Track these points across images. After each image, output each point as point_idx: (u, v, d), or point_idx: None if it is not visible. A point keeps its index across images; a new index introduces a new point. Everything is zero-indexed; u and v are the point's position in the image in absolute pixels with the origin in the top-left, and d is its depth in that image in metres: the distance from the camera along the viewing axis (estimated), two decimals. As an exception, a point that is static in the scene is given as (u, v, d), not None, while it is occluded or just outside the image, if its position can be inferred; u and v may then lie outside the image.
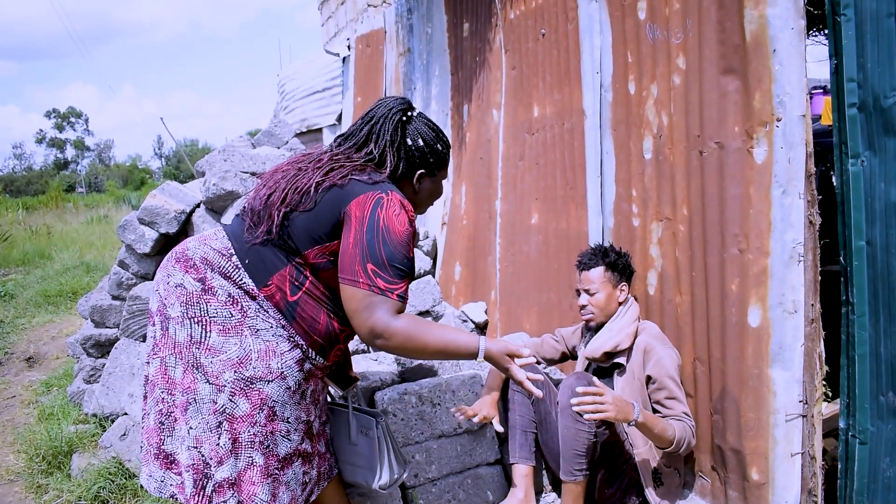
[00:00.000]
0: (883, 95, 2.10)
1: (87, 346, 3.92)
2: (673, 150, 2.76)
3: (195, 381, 1.83)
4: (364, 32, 6.74)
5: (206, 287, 1.86)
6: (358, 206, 1.84)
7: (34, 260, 10.62)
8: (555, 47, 3.57)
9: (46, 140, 65.04)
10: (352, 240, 1.82)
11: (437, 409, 2.79)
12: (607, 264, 2.79)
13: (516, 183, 4.03)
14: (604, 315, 2.77)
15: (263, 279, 1.87)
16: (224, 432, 1.82)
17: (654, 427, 2.44)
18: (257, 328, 1.86)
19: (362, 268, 1.79)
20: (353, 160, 1.96)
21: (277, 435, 1.89)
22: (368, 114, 2.05)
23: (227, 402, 1.81)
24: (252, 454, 1.85)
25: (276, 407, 1.87)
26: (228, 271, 1.87)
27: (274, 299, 1.87)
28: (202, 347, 1.83)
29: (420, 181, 2.09)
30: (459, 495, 2.80)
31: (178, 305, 1.86)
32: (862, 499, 2.32)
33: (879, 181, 2.15)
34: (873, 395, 2.26)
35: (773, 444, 2.42)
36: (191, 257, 1.90)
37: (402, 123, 2.02)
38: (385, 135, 1.99)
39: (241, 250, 1.90)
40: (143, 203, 3.76)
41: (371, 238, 1.81)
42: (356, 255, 1.80)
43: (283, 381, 1.87)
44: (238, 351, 1.83)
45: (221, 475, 1.82)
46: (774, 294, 2.38)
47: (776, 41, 2.29)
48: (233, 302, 1.85)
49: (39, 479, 3.23)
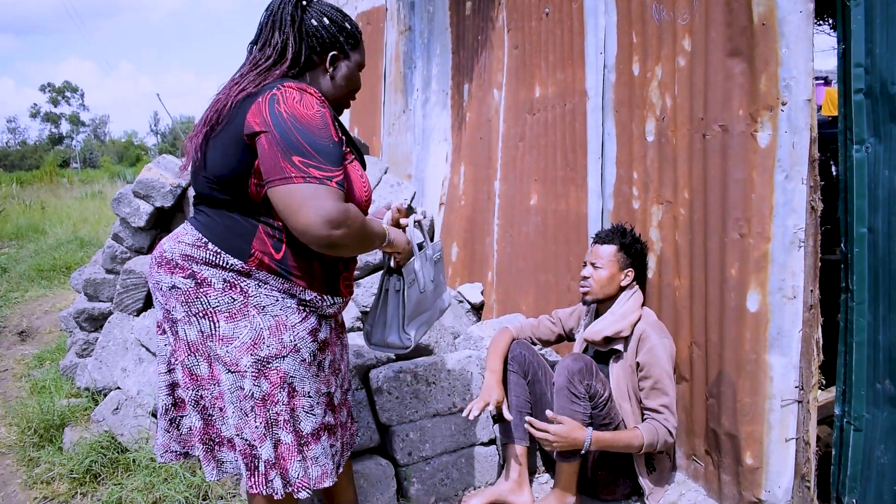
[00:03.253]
0: (890, 81, 2.09)
1: (81, 320, 3.89)
2: (676, 133, 2.74)
3: (219, 372, 1.84)
4: (365, 9, 6.68)
5: (199, 280, 1.81)
6: (253, 115, 1.70)
7: (27, 234, 10.57)
8: (558, 27, 3.54)
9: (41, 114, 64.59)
10: (265, 143, 1.66)
11: (432, 387, 2.78)
12: (621, 245, 2.78)
13: (516, 164, 4.00)
14: (601, 293, 2.76)
15: (246, 251, 1.81)
16: (256, 416, 1.83)
17: (615, 444, 2.51)
18: (262, 305, 1.83)
19: (287, 162, 1.62)
20: (259, 63, 1.84)
21: (300, 411, 1.88)
22: (266, 9, 1.90)
23: (252, 387, 1.81)
24: (278, 433, 1.86)
25: (295, 382, 1.86)
26: (211, 259, 1.82)
27: (263, 264, 1.81)
28: (215, 339, 1.81)
29: (334, 65, 1.93)
30: (453, 474, 2.80)
31: (180, 306, 1.83)
32: (855, 485, 2.33)
33: (884, 168, 2.14)
34: (870, 382, 2.26)
35: (768, 429, 2.43)
36: (171, 258, 1.84)
37: (301, 8, 1.87)
38: (285, 23, 1.85)
39: (213, 234, 1.83)
40: (139, 176, 3.72)
41: (282, 131, 1.65)
42: (275, 153, 1.64)
43: (298, 354, 1.85)
44: (250, 332, 1.81)
45: (266, 455, 1.85)
46: (774, 279, 2.37)
47: (784, 24, 2.26)
48: (230, 287, 1.81)
49: (31, 452, 3.22)
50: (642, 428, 2.53)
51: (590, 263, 2.79)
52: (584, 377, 2.50)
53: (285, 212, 1.63)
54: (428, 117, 5.27)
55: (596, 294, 2.77)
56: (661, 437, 2.53)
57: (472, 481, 2.84)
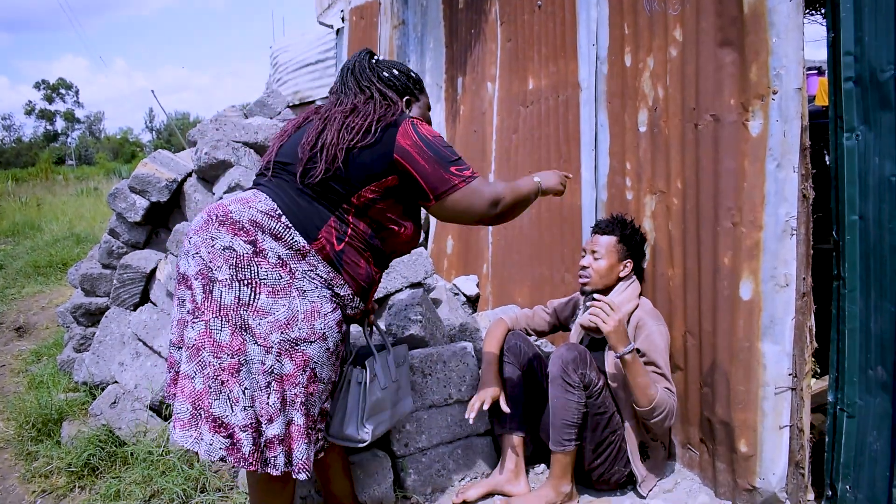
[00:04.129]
0: (880, 69, 2.10)
1: (77, 315, 3.91)
2: (668, 123, 2.75)
3: (244, 342, 1.88)
4: (358, 4, 6.69)
5: (258, 249, 1.91)
6: (403, 137, 2.03)
7: (24, 231, 10.60)
8: (551, 19, 3.55)
9: (36, 112, 64.37)
10: (423, 161, 2.02)
11: (428, 379, 2.80)
12: (621, 235, 2.79)
13: (510, 156, 4.02)
14: (600, 282, 2.77)
15: (313, 234, 1.97)
16: (273, 392, 1.89)
17: (639, 374, 2.47)
18: (304, 289, 1.94)
19: (448, 173, 2.03)
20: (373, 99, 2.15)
21: (315, 397, 1.98)
22: (343, 70, 2.26)
23: (274, 363, 1.88)
24: (293, 413, 1.93)
25: (317, 368, 1.96)
26: (279, 232, 1.94)
27: (324, 251, 1.98)
28: (250, 309, 1.88)
29: (408, 108, 2.26)
30: (449, 465, 2.82)
31: (227, 268, 1.88)
32: (848, 471, 2.35)
33: (874, 155, 2.16)
34: (862, 369, 2.28)
35: (761, 416, 2.44)
36: (237, 220, 1.93)
37: (374, 63, 2.25)
38: (367, 75, 2.20)
39: (289, 209, 1.98)
40: (135, 171, 3.73)
41: (434, 150, 2.04)
42: (437, 169, 2.03)
43: (325, 343, 1.96)
44: (286, 312, 1.89)
45: (272, 432, 1.90)
46: (767, 268, 2.39)
47: (774, 13, 2.27)
48: (282, 264, 1.92)
49: (29, 446, 3.23)
50: (659, 389, 2.51)
51: (589, 253, 2.81)
52: (578, 366, 2.51)
53: (462, 212, 2.09)
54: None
55: (595, 284, 2.79)
56: (669, 409, 2.52)
57: (468, 472, 2.86)
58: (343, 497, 2.45)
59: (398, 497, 2.70)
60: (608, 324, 2.43)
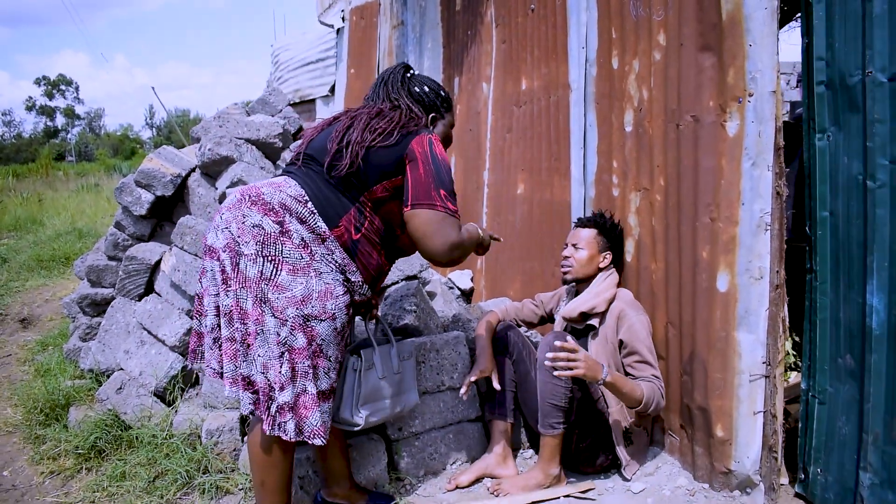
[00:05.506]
0: (848, 74, 2.22)
1: (84, 305, 4.02)
2: (652, 124, 2.87)
3: (262, 313, 2.05)
4: (358, 4, 6.79)
5: (284, 230, 2.08)
6: (418, 143, 2.18)
7: (26, 226, 10.63)
8: (543, 22, 3.67)
9: (36, 108, 64.34)
10: (422, 170, 2.15)
11: (422, 366, 2.92)
12: (600, 228, 2.94)
13: (504, 154, 4.14)
14: (581, 272, 2.91)
15: (335, 221, 2.15)
16: (285, 361, 2.05)
17: (623, 387, 2.57)
18: (321, 271, 2.11)
19: (437, 193, 2.13)
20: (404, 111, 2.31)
21: (320, 370, 2.12)
22: (377, 80, 2.44)
23: (288, 335, 2.04)
24: (306, 383, 2.08)
25: (324, 346, 2.11)
26: (304, 216, 2.12)
27: (342, 238, 2.15)
28: (271, 284, 2.04)
29: (433, 124, 2.44)
30: (441, 449, 2.93)
31: (254, 244, 2.05)
32: (820, 455, 2.47)
33: (843, 155, 2.28)
34: (832, 357, 2.40)
35: (737, 402, 2.56)
36: (268, 201, 2.11)
37: (407, 77, 2.42)
38: (398, 88, 2.38)
39: (315, 196, 2.15)
40: (140, 166, 3.83)
41: (437, 168, 2.16)
42: (429, 183, 2.14)
43: (333, 322, 2.11)
44: (303, 290, 2.05)
45: (283, 399, 2.06)
46: (742, 261, 2.51)
47: (750, 20, 2.39)
48: (304, 246, 2.09)
49: (37, 430, 3.32)
50: (643, 384, 2.64)
51: (570, 244, 2.94)
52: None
53: (424, 232, 2.13)
54: (420, 110, 5.38)
55: (576, 273, 2.92)
56: (657, 397, 2.63)
57: (459, 455, 2.98)
58: (340, 476, 2.56)
59: (392, 478, 2.81)
60: (579, 369, 2.48)
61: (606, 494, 2.71)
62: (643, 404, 2.60)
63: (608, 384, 2.54)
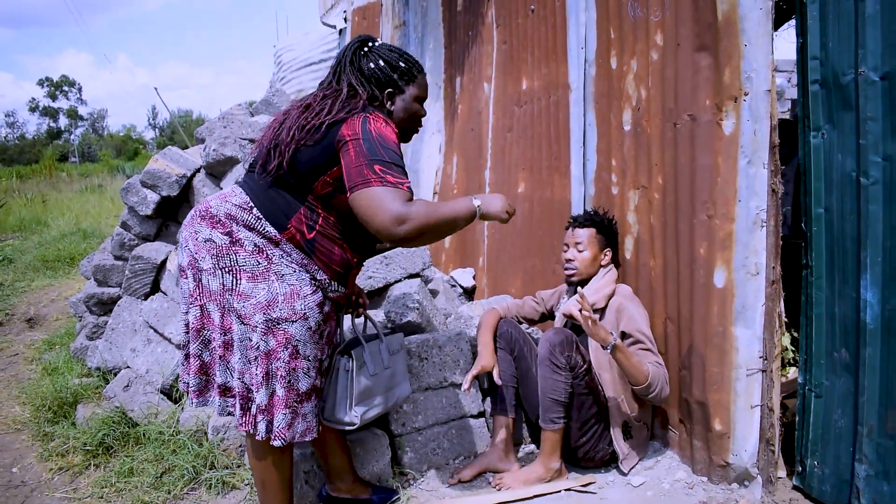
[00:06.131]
0: (842, 73, 2.26)
1: (90, 305, 4.07)
2: (650, 123, 2.91)
3: (232, 322, 2.09)
4: (361, 5, 6.83)
5: (234, 239, 2.08)
6: (348, 127, 2.03)
7: (30, 226, 10.70)
8: (543, 23, 3.71)
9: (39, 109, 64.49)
10: (352, 153, 1.99)
11: (425, 363, 2.96)
12: (599, 227, 2.97)
13: (505, 153, 4.18)
14: (585, 273, 2.95)
15: (283, 223, 2.09)
16: (259, 365, 2.07)
17: (630, 358, 2.60)
18: (282, 273, 2.08)
19: (370, 170, 1.94)
20: (339, 94, 2.16)
21: (300, 371, 2.13)
22: (337, 56, 2.29)
23: (259, 340, 2.06)
24: (275, 385, 2.10)
25: (299, 346, 2.11)
26: (251, 223, 2.09)
27: (294, 240, 2.09)
28: (234, 294, 2.06)
29: (391, 100, 2.27)
30: (444, 444, 2.98)
31: (209, 258, 2.07)
32: (816, 448, 2.50)
33: (837, 152, 2.32)
34: (828, 352, 2.43)
35: (734, 396, 2.59)
36: (215, 214, 2.11)
37: (361, 53, 2.25)
38: (346, 67, 2.23)
39: (260, 202, 2.11)
40: (146, 167, 3.89)
41: (370, 145, 1.99)
42: (360, 162, 1.96)
43: (306, 322, 2.10)
44: (266, 295, 2.05)
45: (258, 401, 2.10)
46: (739, 257, 2.54)
47: (745, 21, 2.43)
48: (259, 251, 2.08)
49: (46, 427, 3.38)
50: (648, 365, 2.67)
51: (573, 246, 2.97)
52: (564, 349, 2.67)
53: (366, 213, 1.93)
54: (421, 109, 5.42)
55: (581, 274, 2.95)
56: (661, 381, 2.66)
57: (462, 451, 3.02)
58: (342, 471, 2.60)
59: (395, 473, 2.85)
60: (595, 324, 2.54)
61: (607, 488, 2.75)
62: (647, 383, 2.62)
63: (616, 349, 2.57)
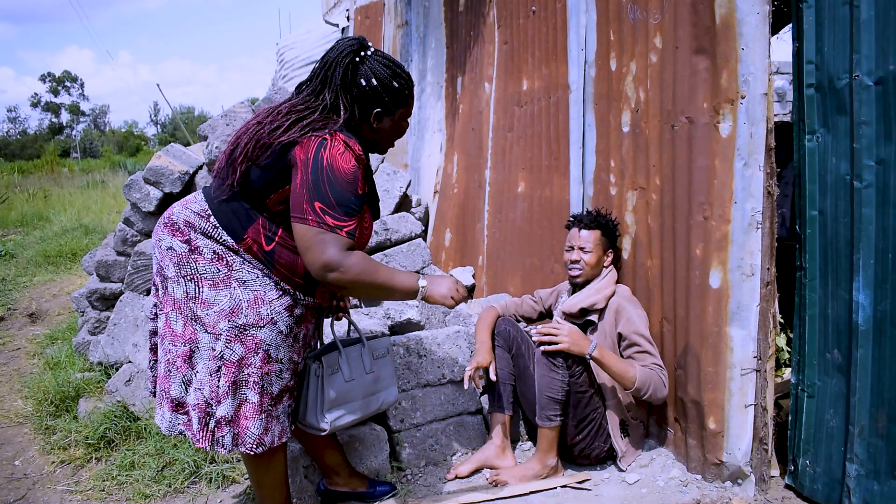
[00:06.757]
0: (837, 77, 2.29)
1: (93, 300, 4.10)
2: (648, 124, 2.94)
3: (195, 331, 2.05)
4: (363, 4, 6.86)
5: (193, 247, 2.05)
6: (301, 149, 1.96)
7: (32, 222, 10.74)
8: (544, 24, 3.74)
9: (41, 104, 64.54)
10: (299, 180, 1.93)
11: (423, 360, 3.00)
12: (604, 230, 3.01)
13: (505, 153, 4.21)
14: (591, 274, 2.98)
15: (239, 234, 2.04)
16: (222, 375, 2.04)
17: (613, 365, 2.67)
18: (244, 279, 2.05)
19: (310, 206, 1.90)
20: (313, 110, 2.05)
21: (272, 375, 2.11)
22: (323, 57, 2.10)
23: (223, 349, 2.02)
24: (246, 392, 2.07)
25: (271, 350, 2.08)
26: (209, 231, 2.06)
27: (252, 251, 2.05)
28: (197, 302, 2.04)
29: (378, 120, 2.16)
30: (441, 440, 3.01)
31: (172, 266, 2.06)
32: (808, 447, 2.54)
33: (831, 156, 2.35)
34: (821, 352, 2.47)
35: (728, 396, 2.62)
36: (175, 221, 2.09)
37: (353, 65, 2.06)
38: (336, 79, 2.05)
39: (217, 210, 2.07)
40: (149, 164, 3.92)
41: (316, 178, 1.91)
42: (303, 194, 1.91)
43: (275, 326, 2.07)
44: (229, 302, 2.03)
45: (220, 413, 2.05)
46: (734, 258, 2.57)
47: (743, 24, 2.46)
48: (218, 258, 2.05)
49: (48, 421, 3.41)
50: (638, 368, 2.71)
51: (577, 248, 3.00)
52: (561, 348, 2.71)
53: (300, 246, 1.94)
54: (423, 108, 5.47)
55: (587, 276, 2.99)
56: (654, 383, 2.70)
57: (459, 447, 3.05)
58: (336, 466, 2.63)
59: (393, 468, 2.88)
60: (563, 343, 2.63)
61: (602, 485, 2.79)
62: (638, 385, 2.67)
63: (595, 359, 2.64)
